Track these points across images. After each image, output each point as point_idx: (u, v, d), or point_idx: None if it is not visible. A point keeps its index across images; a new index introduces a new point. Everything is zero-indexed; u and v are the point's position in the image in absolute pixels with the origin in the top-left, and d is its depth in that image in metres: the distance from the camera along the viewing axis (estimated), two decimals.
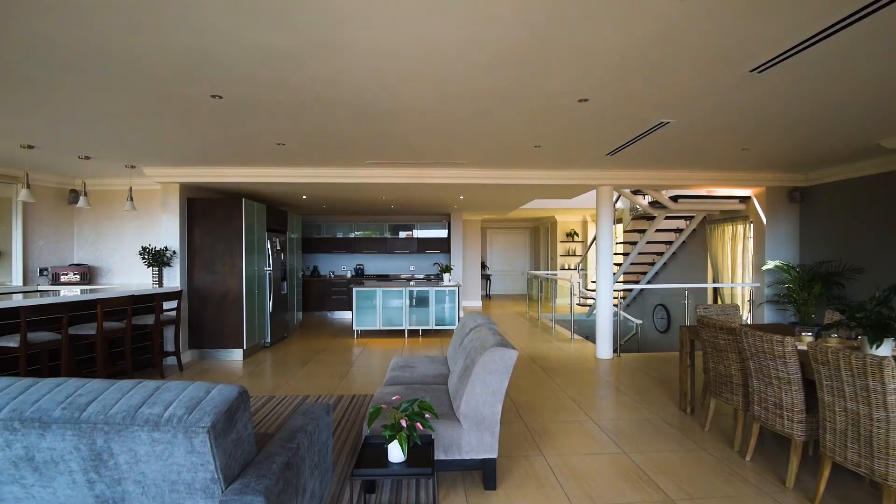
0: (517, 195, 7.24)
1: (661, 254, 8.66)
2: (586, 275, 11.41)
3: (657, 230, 7.92)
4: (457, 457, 2.71)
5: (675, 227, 8.34)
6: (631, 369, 5.68)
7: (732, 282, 7.12)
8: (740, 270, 7.13)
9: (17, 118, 3.75)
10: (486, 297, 13.49)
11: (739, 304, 7.13)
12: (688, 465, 3.22)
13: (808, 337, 3.38)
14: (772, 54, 2.63)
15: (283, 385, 5.09)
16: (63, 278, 6.43)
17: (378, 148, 4.75)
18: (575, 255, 12.24)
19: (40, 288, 6.29)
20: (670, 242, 8.39)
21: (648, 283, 9.13)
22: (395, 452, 2.22)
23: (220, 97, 3.21)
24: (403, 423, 2.22)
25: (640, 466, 3.18)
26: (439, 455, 2.68)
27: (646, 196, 7.65)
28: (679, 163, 5.56)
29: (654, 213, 7.51)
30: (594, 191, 7.14)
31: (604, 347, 6.14)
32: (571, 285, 7.91)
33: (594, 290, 9.81)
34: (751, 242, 6.92)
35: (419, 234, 10.98)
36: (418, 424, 2.25)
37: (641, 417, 4.09)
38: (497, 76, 2.87)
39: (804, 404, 2.91)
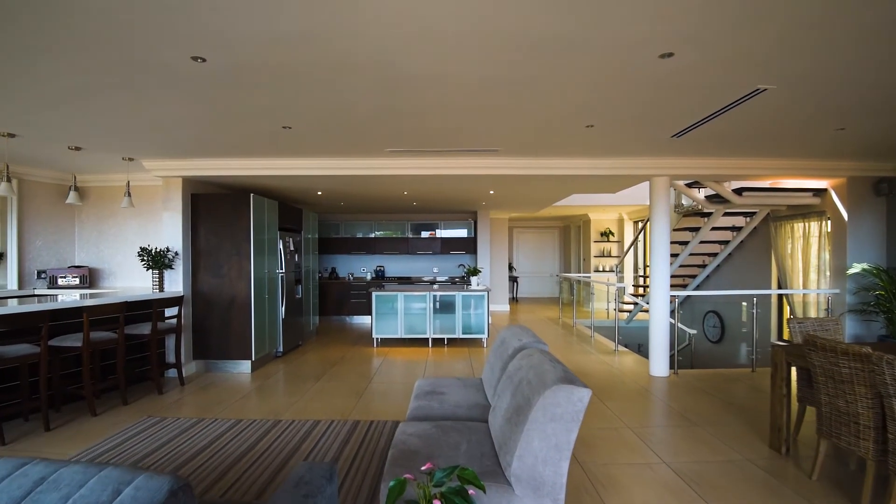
0: (556, 188, 6.46)
1: (714, 255, 7.75)
2: (623, 278, 10.54)
3: (713, 228, 7.03)
4: None
5: (730, 225, 7.44)
6: (693, 390, 4.86)
7: (804, 287, 6.20)
8: (813, 274, 6.21)
9: None
10: (513, 300, 12.72)
11: (813, 312, 6.21)
12: None
13: None
14: None
15: (292, 405, 4.46)
16: (61, 281, 5.95)
17: (399, 132, 4.07)
18: (610, 255, 11.37)
19: (37, 292, 5.82)
20: (725, 242, 7.48)
21: (698, 287, 8.23)
22: None
23: (203, 60, 2.57)
24: None
25: None
26: None
27: (701, 189, 6.78)
28: (752, 149, 4.72)
29: (712, 208, 6.64)
30: (635, 186, 6.36)
31: (659, 363, 5.33)
32: (616, 290, 7.08)
33: (638, 295, 8.96)
34: (827, 242, 6.00)
35: (443, 233, 10.29)
36: None
37: (725, 458, 3.30)
38: (559, 15, 2.14)
39: None
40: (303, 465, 1.80)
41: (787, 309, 6.85)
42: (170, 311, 5.40)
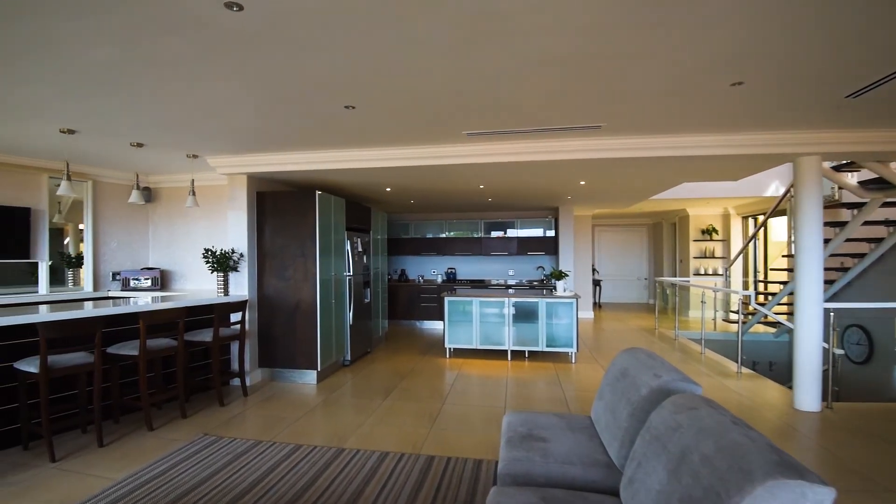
0: (666, 175, 5.33)
1: (860, 255, 6.29)
2: (730, 282, 9.12)
3: (864, 222, 5.64)
4: None
5: (884, 219, 5.97)
6: (862, 434, 3.70)
7: None
8: None
9: (22, 84, 2.89)
10: (596, 305, 11.57)
11: None
12: None
13: None
14: None
15: (357, 428, 3.89)
16: (133, 283, 5.87)
17: (481, 106, 3.36)
18: (713, 256, 9.92)
19: (111, 294, 5.77)
20: (878, 240, 6.01)
21: (835, 296, 6.76)
22: None
23: (240, 7, 2.01)
24: None
25: None
26: None
27: (852, 174, 5.44)
28: None
29: (868, 196, 5.29)
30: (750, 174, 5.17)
31: (807, 394, 4.18)
32: (739, 299, 5.87)
33: (760, 304, 7.58)
34: None
35: (519, 233, 9.46)
36: None
37: None
38: None
39: None
40: None
41: None
42: (235, 317, 5.08)
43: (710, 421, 1.52)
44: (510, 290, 7.04)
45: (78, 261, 5.80)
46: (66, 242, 5.97)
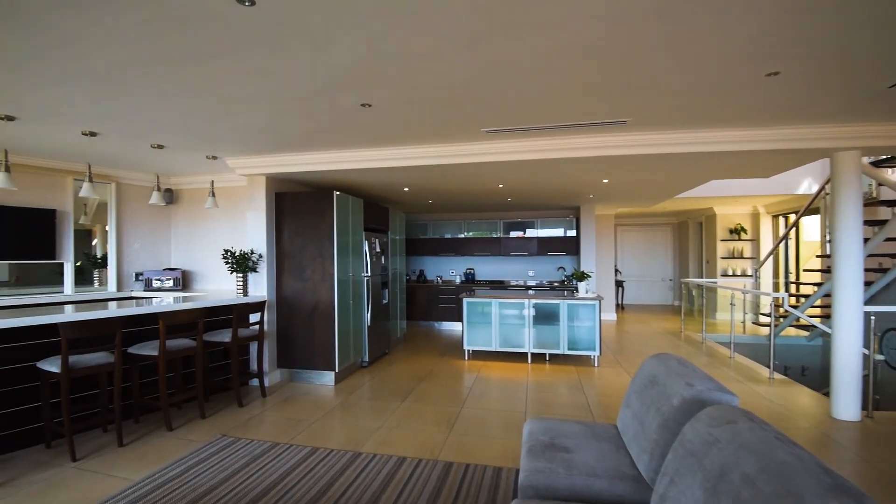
0: (694, 173, 5.11)
1: None
2: (759, 284, 8.81)
3: None
4: None
5: None
6: None
7: None
8: None
9: (37, 85, 2.92)
10: (619, 307, 11.31)
11: None
12: None
13: None
14: None
15: (374, 432, 3.83)
16: (155, 283, 5.94)
17: (500, 102, 3.26)
18: (742, 257, 9.59)
19: (133, 294, 5.85)
20: None
21: (873, 298, 6.44)
22: None
23: (252, 2, 1.96)
24: None
25: None
26: None
27: (893, 170, 5.16)
28: None
29: None
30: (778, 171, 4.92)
31: (846, 402, 3.96)
32: (771, 301, 5.63)
33: (794, 306, 7.29)
34: None
35: (539, 233, 9.30)
36: None
37: None
38: None
39: None
40: None
41: None
42: (254, 317, 5.09)
43: (751, 436, 1.40)
44: (530, 292, 6.91)
45: (103, 261, 5.90)
46: (94, 244, 6.10)
